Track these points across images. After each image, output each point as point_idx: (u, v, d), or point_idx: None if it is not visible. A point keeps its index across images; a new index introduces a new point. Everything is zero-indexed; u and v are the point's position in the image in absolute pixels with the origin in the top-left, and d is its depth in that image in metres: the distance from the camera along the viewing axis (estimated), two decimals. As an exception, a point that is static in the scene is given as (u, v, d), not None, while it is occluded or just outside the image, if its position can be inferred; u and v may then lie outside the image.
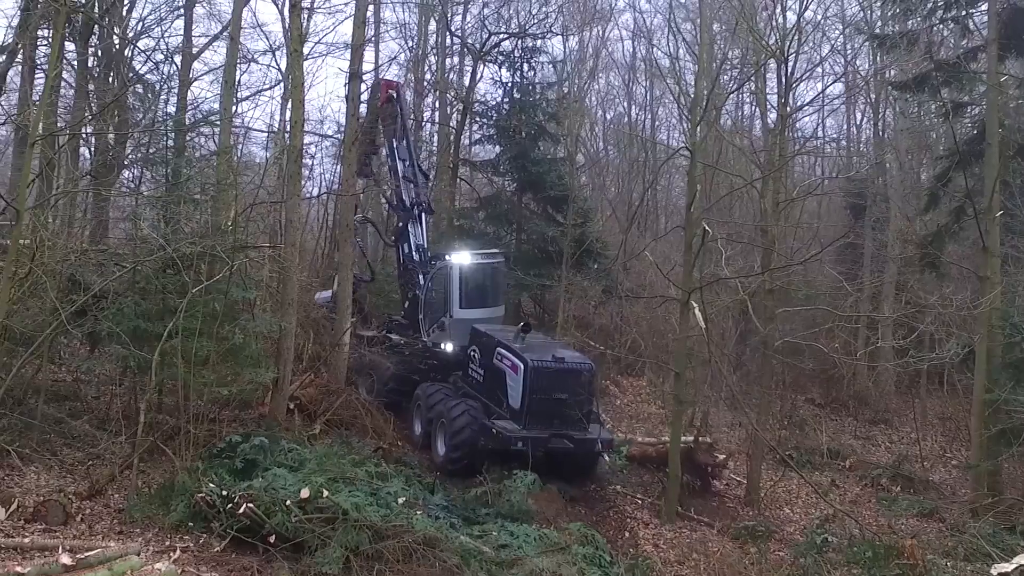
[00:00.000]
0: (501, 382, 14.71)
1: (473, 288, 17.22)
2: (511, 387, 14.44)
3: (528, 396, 14.03)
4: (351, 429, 15.97)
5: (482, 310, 17.18)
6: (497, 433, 14.02)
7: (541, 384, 14.08)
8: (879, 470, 19.04)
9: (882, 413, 25.34)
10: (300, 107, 14.84)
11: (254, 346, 13.71)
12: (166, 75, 19.99)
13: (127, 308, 12.80)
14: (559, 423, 14.10)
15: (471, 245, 21.99)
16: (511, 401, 14.39)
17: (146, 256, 12.73)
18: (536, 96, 23.95)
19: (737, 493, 16.66)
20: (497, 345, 15.09)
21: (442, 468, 14.70)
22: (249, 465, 11.62)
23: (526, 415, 14.06)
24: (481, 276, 17.64)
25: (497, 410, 14.69)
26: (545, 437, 13.88)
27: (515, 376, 14.34)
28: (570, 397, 14.22)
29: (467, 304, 16.94)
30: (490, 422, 14.32)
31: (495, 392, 14.91)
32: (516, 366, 14.39)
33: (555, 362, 14.37)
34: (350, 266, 17.81)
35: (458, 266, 17.05)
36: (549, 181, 22.76)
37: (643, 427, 20.23)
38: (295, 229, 14.65)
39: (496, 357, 15.03)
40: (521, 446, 13.74)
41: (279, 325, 14.29)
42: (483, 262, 17.78)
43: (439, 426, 15.12)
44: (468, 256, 17.48)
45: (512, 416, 14.29)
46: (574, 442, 14.15)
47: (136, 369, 12.64)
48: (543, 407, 14.04)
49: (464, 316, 16.73)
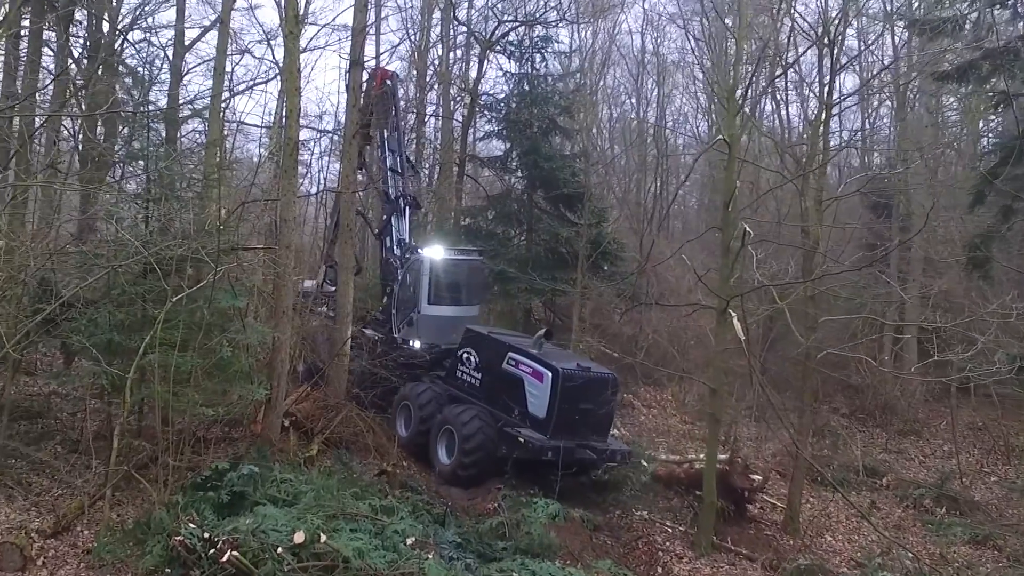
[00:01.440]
0: (516, 389, 14.12)
1: (445, 284, 16.69)
2: (533, 395, 13.90)
3: (556, 405, 13.55)
4: (351, 448, 14.76)
5: (454, 308, 16.68)
6: (526, 442, 13.48)
7: (569, 393, 13.64)
8: (921, 490, 17.64)
9: (911, 424, 23.99)
10: (296, 95, 13.46)
11: (244, 360, 12.33)
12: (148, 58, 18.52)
13: (101, 318, 11.42)
14: (581, 433, 13.77)
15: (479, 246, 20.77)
16: (533, 410, 13.85)
17: (122, 260, 11.29)
18: (547, 88, 22.50)
19: (772, 518, 15.27)
20: (511, 350, 14.49)
21: (448, 478, 14.16)
22: (236, 499, 10.23)
23: (552, 424, 13.56)
24: (454, 273, 17.07)
25: (505, 417, 14.14)
26: (572, 447, 13.50)
27: (539, 384, 13.81)
28: (595, 407, 13.90)
29: (437, 300, 16.42)
30: (513, 430, 13.77)
31: (500, 398, 14.37)
32: (541, 374, 13.85)
33: (582, 371, 13.96)
34: (351, 270, 16.45)
35: (428, 260, 16.49)
36: (562, 178, 21.34)
37: (665, 442, 18.86)
38: (290, 229, 13.25)
39: (509, 363, 14.41)
40: (551, 456, 13.28)
41: (272, 336, 12.90)
42: (456, 258, 17.27)
43: (441, 433, 14.49)
44: (441, 251, 16.90)
45: (534, 425, 13.75)
46: (596, 452, 13.80)
47: (110, 388, 11.24)
48: (569, 417, 13.61)
49: (433, 313, 16.25)
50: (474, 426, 13.95)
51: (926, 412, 24.68)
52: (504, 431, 13.93)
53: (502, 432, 13.95)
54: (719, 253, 13.16)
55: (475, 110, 23.81)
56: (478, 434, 13.92)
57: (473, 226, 22.90)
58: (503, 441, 13.89)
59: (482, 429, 13.93)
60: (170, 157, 12.17)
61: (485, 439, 13.92)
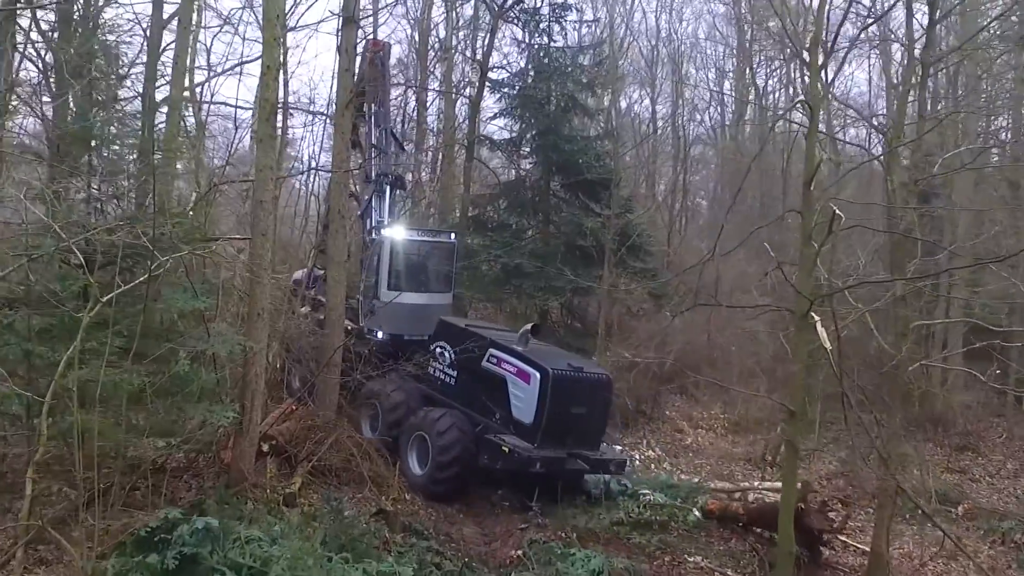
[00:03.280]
0: (497, 391, 12.76)
1: (408, 268, 15.14)
2: (518, 398, 12.51)
3: (544, 410, 12.18)
4: (342, 479, 12.27)
5: (420, 295, 15.08)
6: (510, 452, 12.02)
7: (559, 397, 12.27)
8: (1009, 523, 15.11)
9: (965, 438, 21.55)
10: (274, 47, 10.91)
11: (208, 375, 9.78)
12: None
13: (19, 324, 8.87)
14: (573, 441, 12.49)
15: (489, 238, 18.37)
16: (518, 414, 12.48)
17: (47, 249, 8.72)
18: (566, 61, 19.92)
19: (848, 561, 12.76)
20: (491, 346, 13.04)
21: (424, 490, 12.65)
22: (186, 564, 7.64)
23: (540, 432, 12.18)
24: (419, 255, 15.52)
25: (485, 421, 12.83)
26: (563, 457, 12.24)
27: (525, 386, 12.41)
28: (587, 412, 12.69)
29: (397, 286, 14.76)
30: (496, 438, 12.35)
31: (479, 400, 13.04)
32: (527, 374, 12.42)
33: (575, 372, 12.61)
34: (343, 264, 13.96)
35: (388, 241, 14.74)
36: (584, 162, 18.78)
37: (708, 465, 16.35)
38: (267, 213, 10.69)
39: (489, 360, 12.98)
40: (540, 468, 11.96)
41: (244, 345, 10.34)
42: (421, 239, 15.70)
43: (414, 439, 12.99)
44: (403, 230, 15.14)
45: (518, 432, 12.37)
46: (588, 463, 12.51)
47: (25, 414, 8.69)
48: (559, 423, 12.29)
49: (394, 300, 14.55)
50: (452, 436, 12.45)
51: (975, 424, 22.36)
52: (485, 438, 12.48)
53: (482, 439, 12.51)
54: (794, 243, 10.62)
55: (484, 85, 21.09)
56: (456, 445, 12.43)
57: (483, 216, 20.39)
58: (484, 450, 12.42)
59: (460, 440, 12.46)
60: (105, 115, 9.52)
61: (463, 450, 12.45)
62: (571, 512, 12.52)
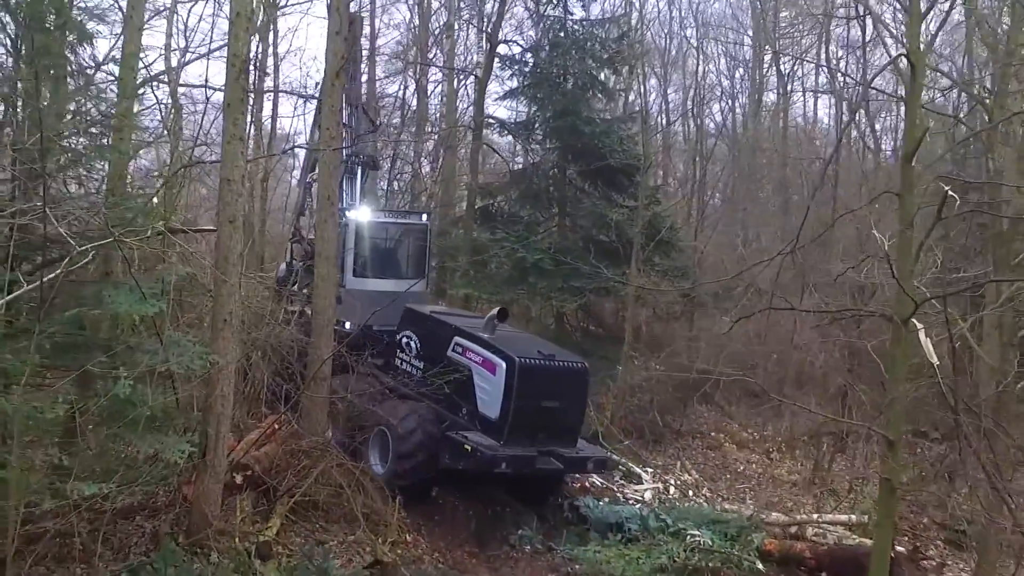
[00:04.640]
0: (463, 383, 11.63)
1: (375, 253, 14.19)
2: (483, 390, 11.45)
3: (511, 404, 11.09)
4: (330, 516, 10.23)
5: (389, 282, 13.88)
6: (473, 451, 10.91)
7: (528, 389, 11.16)
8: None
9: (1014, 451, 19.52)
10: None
11: (153, 398, 7.69)
12: None
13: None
14: (544, 438, 11.36)
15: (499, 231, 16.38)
16: (484, 408, 11.40)
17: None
18: (585, 34, 17.84)
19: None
20: (456, 334, 12.01)
21: (388, 486, 11.18)
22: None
23: (507, 428, 11.06)
24: (387, 238, 14.48)
25: (451, 417, 11.71)
26: (532, 456, 11.10)
27: (491, 377, 11.35)
28: (561, 405, 11.59)
29: (364, 272, 13.87)
30: (458, 435, 11.26)
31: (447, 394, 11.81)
32: (493, 364, 11.33)
33: (545, 360, 11.49)
34: (333, 259, 11.94)
35: (354, 223, 13.78)
36: (606, 148, 16.69)
37: (752, 490, 14.30)
38: (235, 195, 8.62)
39: (454, 349, 11.88)
40: (506, 468, 10.85)
41: (206, 358, 8.27)
42: (390, 221, 14.69)
43: (375, 435, 11.88)
44: (368, 212, 14.23)
45: (484, 428, 11.28)
46: (563, 461, 11.38)
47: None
48: (528, 418, 11.18)
49: (358, 287, 13.60)
50: (409, 424, 11.43)
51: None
52: (448, 436, 11.40)
53: (445, 437, 11.44)
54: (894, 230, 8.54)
55: (493, 62, 18.93)
56: (415, 433, 11.39)
57: (491, 208, 18.35)
58: (446, 448, 11.33)
59: (420, 427, 11.42)
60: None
61: (424, 440, 11.37)
62: (604, 556, 10.57)
